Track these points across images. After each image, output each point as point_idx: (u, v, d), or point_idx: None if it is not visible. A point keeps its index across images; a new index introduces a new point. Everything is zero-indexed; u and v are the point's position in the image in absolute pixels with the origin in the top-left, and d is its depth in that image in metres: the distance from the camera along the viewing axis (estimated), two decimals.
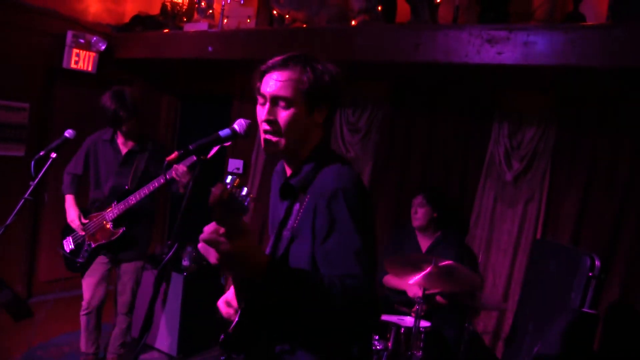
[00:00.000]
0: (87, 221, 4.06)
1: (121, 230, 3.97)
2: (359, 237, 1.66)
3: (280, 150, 1.80)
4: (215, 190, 1.37)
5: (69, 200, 4.17)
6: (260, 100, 1.81)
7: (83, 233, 4.04)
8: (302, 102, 1.76)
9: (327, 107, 1.83)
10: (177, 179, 3.69)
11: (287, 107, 1.75)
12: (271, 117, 1.76)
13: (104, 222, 3.99)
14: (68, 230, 4.16)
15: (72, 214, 4.10)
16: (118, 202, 3.94)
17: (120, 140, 4.11)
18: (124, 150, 4.10)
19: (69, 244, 4.12)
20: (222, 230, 1.46)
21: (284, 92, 1.74)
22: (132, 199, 3.89)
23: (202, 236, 1.48)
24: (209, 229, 1.48)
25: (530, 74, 3.81)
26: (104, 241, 4.00)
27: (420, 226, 4.29)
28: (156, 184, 3.81)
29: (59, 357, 4.52)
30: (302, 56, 1.80)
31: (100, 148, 4.15)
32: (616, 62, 3.13)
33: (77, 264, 4.07)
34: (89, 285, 4.11)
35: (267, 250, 1.91)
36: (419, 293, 3.94)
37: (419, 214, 4.26)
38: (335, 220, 1.67)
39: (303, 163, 1.84)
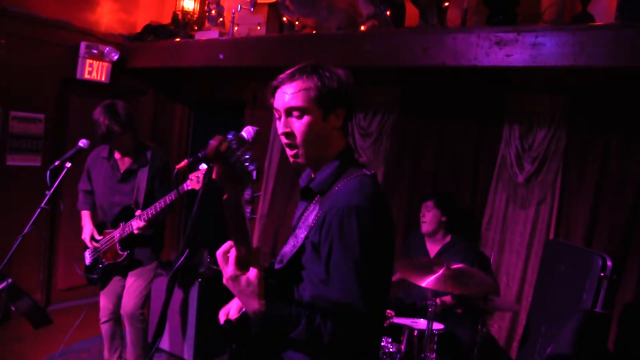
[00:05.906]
0: (101, 238, 3.98)
1: (125, 254, 3.91)
2: (363, 264, 1.65)
3: (303, 163, 1.85)
4: (213, 142, 1.39)
5: (84, 217, 4.14)
6: (276, 115, 1.87)
7: (97, 250, 4.00)
8: (315, 109, 1.79)
9: (343, 110, 1.85)
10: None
11: (300, 117, 1.80)
12: (287, 130, 1.82)
13: (114, 241, 3.92)
14: None
15: (86, 231, 4.04)
16: (125, 222, 3.86)
17: (117, 156, 3.97)
18: (122, 167, 3.96)
19: (88, 258, 4.06)
20: (232, 254, 1.60)
21: (295, 102, 1.78)
22: (135, 225, 3.75)
23: (217, 253, 1.64)
24: (222, 248, 1.65)
25: (539, 75, 3.81)
26: (111, 261, 3.97)
27: (429, 231, 4.28)
28: (167, 200, 3.68)
29: None
30: (308, 66, 1.83)
31: (98, 166, 4.05)
32: (625, 62, 3.11)
33: (92, 279, 4.06)
34: (104, 298, 4.15)
35: (285, 249, 1.91)
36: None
37: (427, 218, 4.25)
38: (344, 242, 1.66)
39: (326, 164, 1.86)
